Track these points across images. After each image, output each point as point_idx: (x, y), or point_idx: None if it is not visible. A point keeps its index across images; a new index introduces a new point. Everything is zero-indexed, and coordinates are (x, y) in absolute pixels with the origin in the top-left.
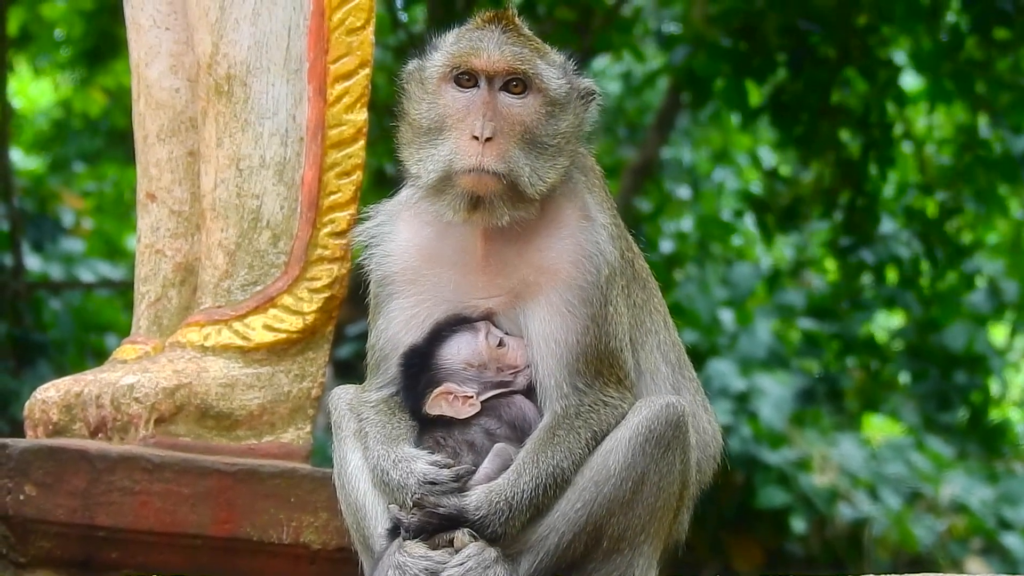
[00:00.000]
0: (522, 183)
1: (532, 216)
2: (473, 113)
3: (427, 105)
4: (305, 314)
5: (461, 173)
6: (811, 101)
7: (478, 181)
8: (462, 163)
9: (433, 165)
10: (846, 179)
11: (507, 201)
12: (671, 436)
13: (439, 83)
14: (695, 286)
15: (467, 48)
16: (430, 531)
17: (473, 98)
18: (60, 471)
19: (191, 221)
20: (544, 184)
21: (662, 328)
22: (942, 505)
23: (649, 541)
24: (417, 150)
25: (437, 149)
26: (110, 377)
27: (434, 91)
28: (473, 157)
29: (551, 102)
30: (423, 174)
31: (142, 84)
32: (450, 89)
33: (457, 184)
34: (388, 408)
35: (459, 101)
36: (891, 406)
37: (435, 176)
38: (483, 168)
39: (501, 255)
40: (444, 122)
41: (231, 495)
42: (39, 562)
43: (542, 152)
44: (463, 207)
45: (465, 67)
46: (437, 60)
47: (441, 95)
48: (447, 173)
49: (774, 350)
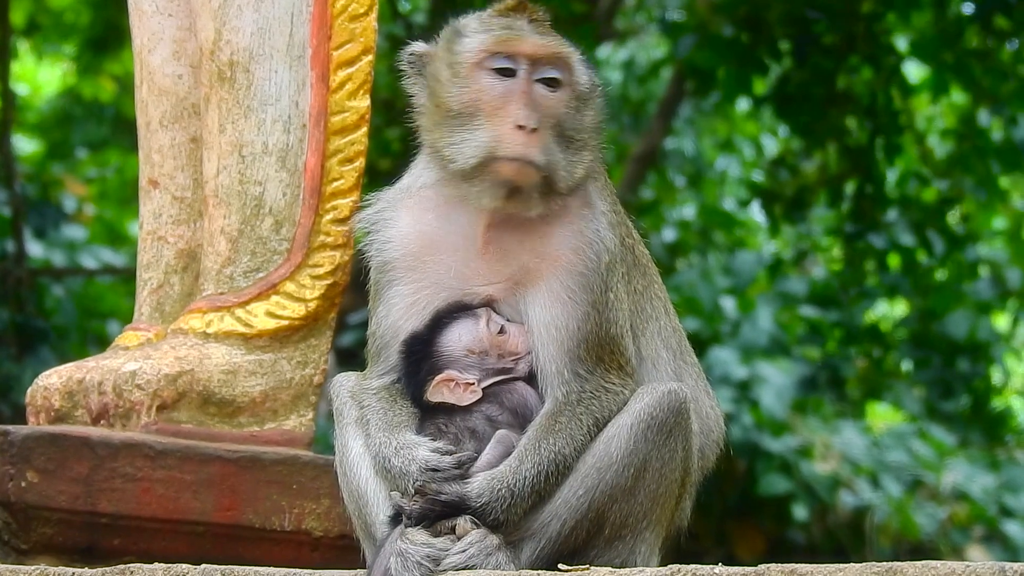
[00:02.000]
0: (557, 176)
1: (562, 204)
2: (515, 102)
3: (458, 89)
4: (307, 301)
5: (504, 161)
6: (816, 90)
7: (521, 171)
8: (507, 151)
9: (472, 150)
10: (853, 167)
11: (541, 193)
12: (673, 422)
13: (473, 68)
14: (697, 274)
15: (507, 35)
16: (432, 518)
17: (512, 87)
18: (62, 458)
19: (193, 208)
20: (573, 179)
21: (663, 314)
22: (944, 493)
23: (651, 528)
24: (448, 134)
25: (475, 134)
26: (112, 364)
27: (467, 75)
28: (520, 147)
29: (578, 96)
30: (459, 158)
31: (145, 70)
32: (485, 75)
33: (497, 171)
34: (389, 395)
35: (496, 88)
36: (893, 394)
37: (475, 161)
38: (528, 159)
39: (502, 242)
40: (479, 108)
41: (233, 482)
42: (41, 549)
43: (570, 146)
44: (500, 195)
45: (508, 53)
46: (472, 44)
47: (476, 80)
48: (488, 159)
49: (776, 338)
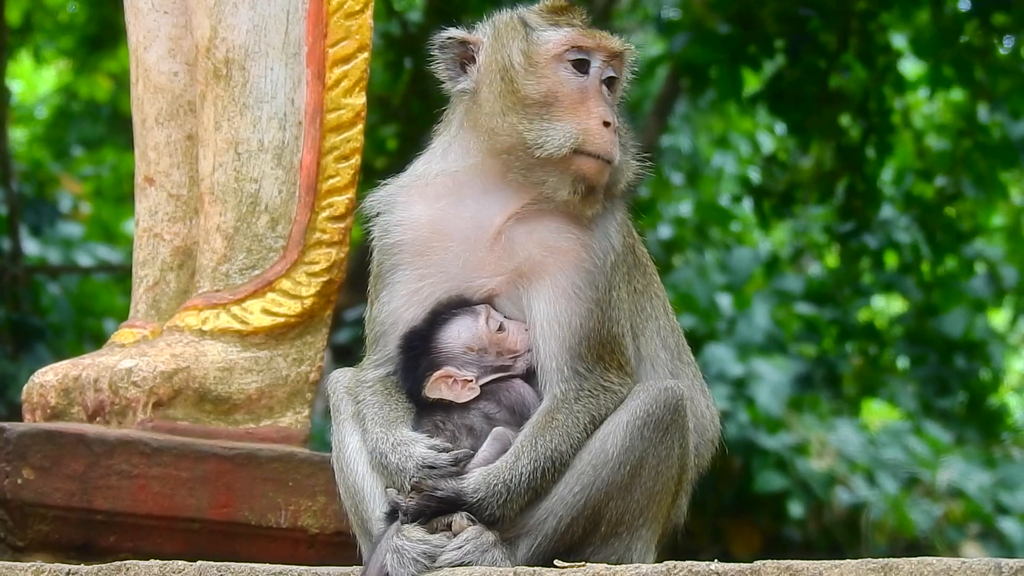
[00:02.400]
0: (620, 176)
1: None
2: (593, 99)
3: (536, 78)
4: (303, 298)
5: (589, 157)
6: (809, 87)
7: (602, 169)
8: (594, 147)
9: (563, 138)
10: (845, 165)
11: (605, 192)
12: (669, 420)
13: (553, 60)
14: (693, 271)
15: (586, 33)
16: (428, 515)
17: (587, 83)
18: (58, 455)
19: (189, 205)
20: (626, 181)
21: (662, 314)
22: (939, 490)
23: (647, 525)
24: (528, 120)
25: (559, 124)
26: (108, 361)
27: (545, 65)
28: (607, 144)
29: (621, 99)
30: (548, 145)
31: (140, 68)
32: (563, 69)
33: (580, 166)
34: (385, 389)
35: (573, 83)
36: (889, 391)
37: (566, 150)
38: (611, 157)
39: (512, 234)
40: (557, 100)
41: (229, 479)
42: (37, 546)
43: (625, 149)
44: (581, 191)
45: (587, 47)
46: (553, 37)
47: (554, 72)
48: (575, 151)
49: (772, 335)
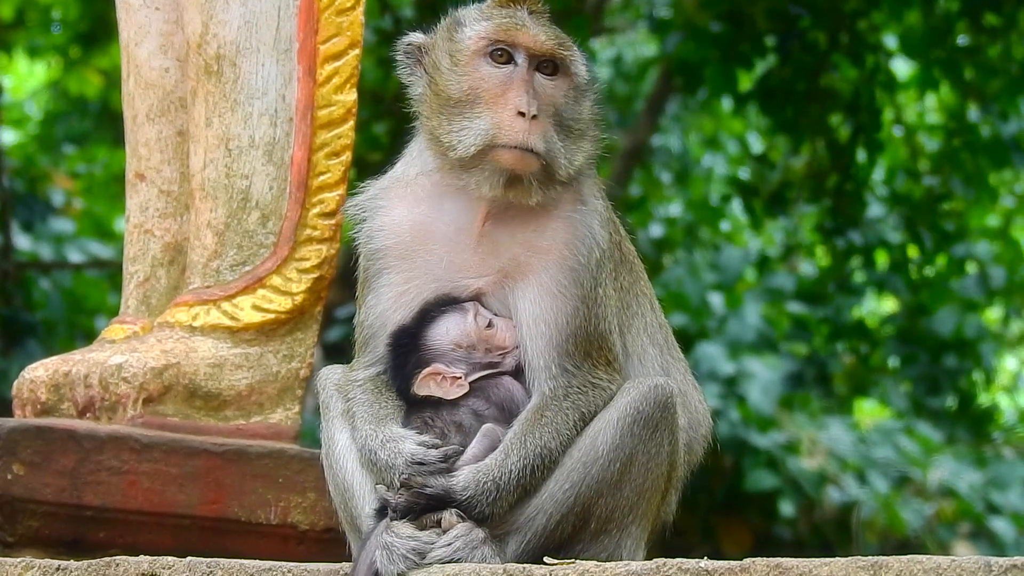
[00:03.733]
0: (557, 164)
1: (556, 198)
2: (514, 89)
3: (458, 77)
4: (294, 294)
5: (504, 149)
6: (799, 86)
7: (521, 159)
8: (507, 138)
9: (473, 138)
10: (835, 164)
11: (540, 181)
12: (659, 417)
13: (474, 56)
14: (684, 270)
15: (508, 24)
16: (417, 511)
17: (511, 75)
18: (48, 451)
19: (180, 201)
20: (573, 168)
21: (648, 310)
22: (930, 489)
23: (637, 522)
24: (447, 121)
25: (475, 122)
26: (98, 357)
27: (467, 63)
28: (520, 134)
29: (576, 87)
30: (459, 146)
31: (131, 64)
32: (485, 64)
33: (497, 159)
34: (375, 387)
35: (495, 76)
36: (880, 390)
37: (476, 148)
38: (528, 146)
39: (495, 234)
40: (479, 96)
41: (219, 475)
42: (27, 541)
43: (569, 135)
44: (500, 184)
45: (508, 42)
46: (472, 33)
47: (475, 68)
48: (488, 146)
49: (763, 334)
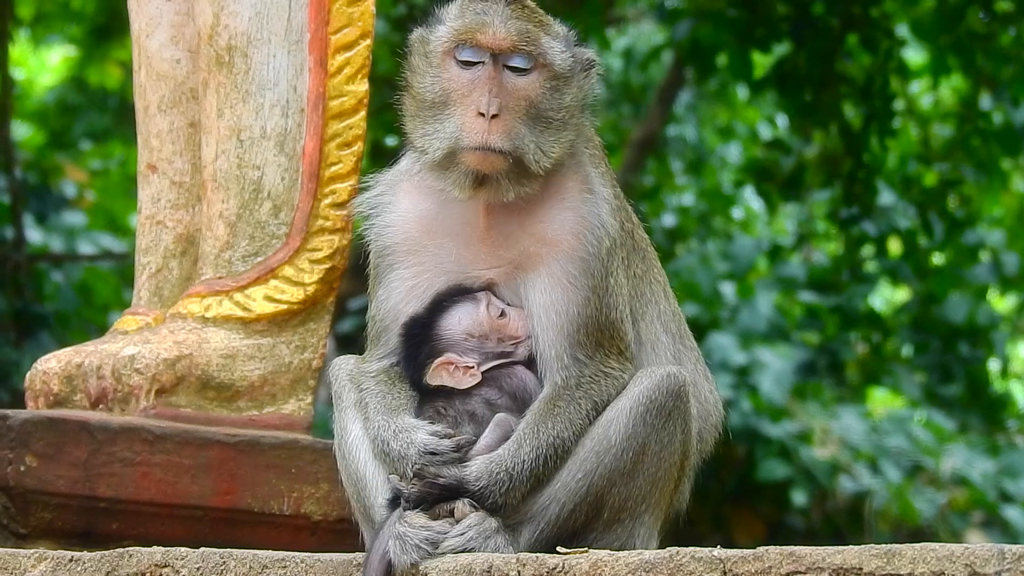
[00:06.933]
0: (527, 160)
1: (536, 191)
2: (478, 89)
3: (431, 79)
4: (306, 285)
5: (467, 151)
6: (814, 72)
7: (483, 159)
8: (468, 140)
9: (439, 142)
10: (847, 150)
11: (512, 178)
12: (672, 406)
13: (443, 57)
14: (696, 259)
15: (472, 23)
16: (430, 501)
17: (478, 74)
18: (61, 442)
19: (192, 192)
20: (549, 160)
21: (662, 298)
22: (943, 478)
23: (650, 511)
24: (422, 124)
25: (443, 125)
26: (111, 348)
27: (438, 65)
28: (479, 135)
29: (555, 76)
30: (429, 150)
31: (143, 55)
32: (454, 64)
33: (463, 161)
34: (388, 378)
35: (463, 77)
36: (892, 379)
37: (441, 153)
38: (489, 146)
39: (502, 226)
40: (449, 97)
41: (232, 466)
42: (40, 533)
43: (547, 127)
44: (468, 184)
45: (470, 43)
46: (442, 34)
47: (446, 69)
48: (453, 149)
49: (775, 323)
